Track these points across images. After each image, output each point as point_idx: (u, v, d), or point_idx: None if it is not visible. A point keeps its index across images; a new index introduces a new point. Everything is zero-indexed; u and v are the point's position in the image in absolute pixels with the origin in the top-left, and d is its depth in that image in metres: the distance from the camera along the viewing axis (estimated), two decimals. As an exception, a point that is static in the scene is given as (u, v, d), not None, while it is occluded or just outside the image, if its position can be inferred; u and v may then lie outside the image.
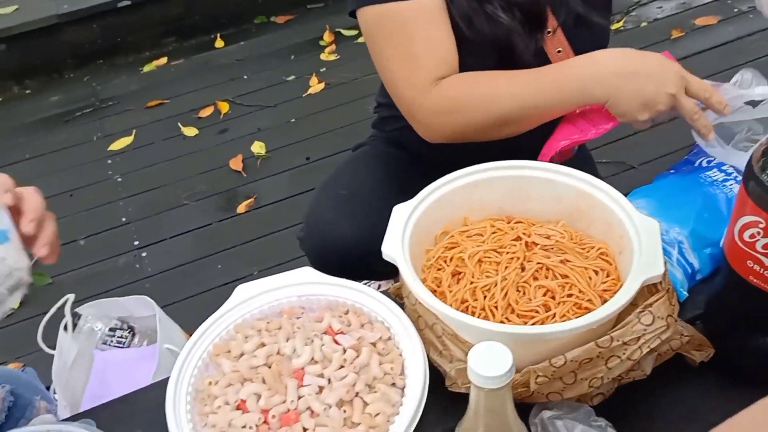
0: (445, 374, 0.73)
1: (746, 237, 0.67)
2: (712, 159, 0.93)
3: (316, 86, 2.64)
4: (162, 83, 2.81)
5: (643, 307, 0.68)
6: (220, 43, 3.00)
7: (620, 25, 2.69)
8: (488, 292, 0.75)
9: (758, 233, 0.66)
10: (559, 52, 1.01)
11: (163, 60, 2.95)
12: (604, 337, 0.67)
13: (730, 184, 0.88)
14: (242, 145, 2.38)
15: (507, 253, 0.79)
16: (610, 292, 0.74)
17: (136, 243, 2.08)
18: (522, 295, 0.75)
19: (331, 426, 0.69)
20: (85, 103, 2.76)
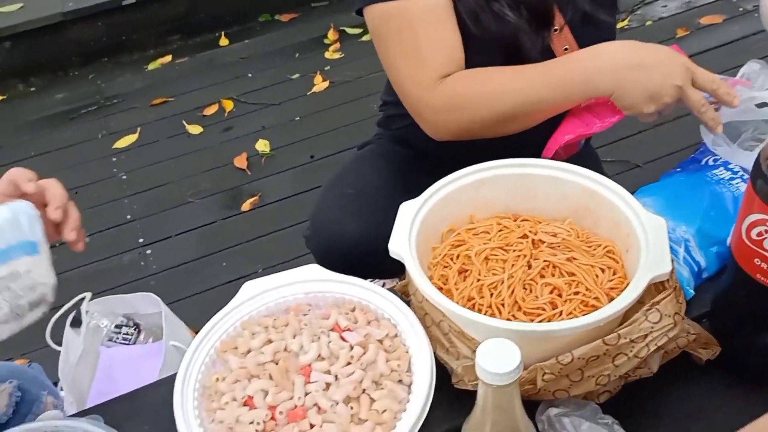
0: (451, 371, 0.73)
1: (754, 235, 0.67)
2: (719, 157, 0.92)
3: (320, 84, 2.64)
4: (167, 81, 2.82)
5: (650, 305, 0.68)
6: (224, 41, 3.00)
7: (625, 23, 2.69)
8: (495, 290, 0.75)
9: (766, 231, 0.66)
10: (566, 49, 1.00)
11: (168, 58, 2.95)
12: (612, 334, 0.67)
13: (737, 183, 0.88)
14: (247, 143, 2.38)
15: (513, 251, 0.79)
16: (616, 290, 0.74)
17: (141, 240, 2.09)
18: (529, 293, 0.75)
19: (338, 422, 0.69)
20: (90, 100, 2.76)
